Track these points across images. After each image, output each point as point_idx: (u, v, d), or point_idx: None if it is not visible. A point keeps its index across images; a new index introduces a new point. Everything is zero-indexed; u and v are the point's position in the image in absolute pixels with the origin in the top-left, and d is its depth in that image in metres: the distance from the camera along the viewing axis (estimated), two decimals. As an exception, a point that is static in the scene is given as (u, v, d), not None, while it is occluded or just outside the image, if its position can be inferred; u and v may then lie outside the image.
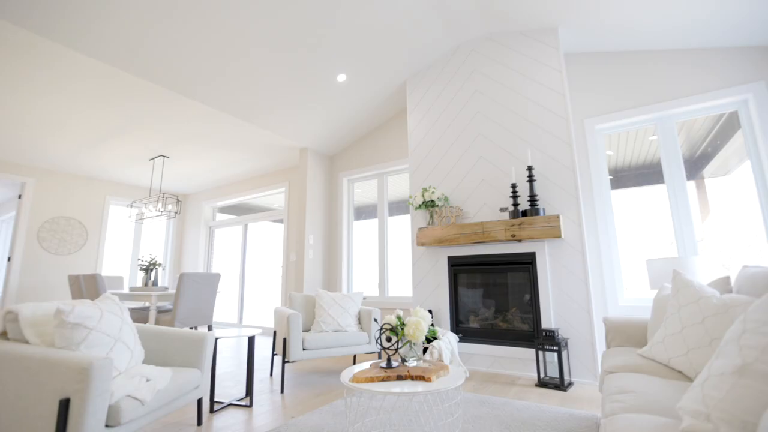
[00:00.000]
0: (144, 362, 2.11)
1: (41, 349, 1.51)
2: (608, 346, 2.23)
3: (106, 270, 6.57)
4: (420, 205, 3.75)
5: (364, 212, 5.26)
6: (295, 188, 5.91)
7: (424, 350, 3.19)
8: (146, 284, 4.71)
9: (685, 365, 1.54)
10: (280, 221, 6.15)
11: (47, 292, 5.78)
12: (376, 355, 3.83)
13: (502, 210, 3.40)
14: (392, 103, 4.69)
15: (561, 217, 3.09)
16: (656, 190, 3.38)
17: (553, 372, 3.03)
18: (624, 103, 3.48)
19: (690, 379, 1.53)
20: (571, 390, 2.79)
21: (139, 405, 1.58)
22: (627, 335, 2.09)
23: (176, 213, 5.32)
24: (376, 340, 1.73)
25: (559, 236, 3.03)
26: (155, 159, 5.53)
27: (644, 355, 1.76)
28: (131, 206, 5.69)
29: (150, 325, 2.20)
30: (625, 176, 3.54)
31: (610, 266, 3.40)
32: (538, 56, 3.52)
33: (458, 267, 3.68)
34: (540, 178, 3.35)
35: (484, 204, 3.60)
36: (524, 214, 3.25)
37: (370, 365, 1.81)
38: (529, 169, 3.26)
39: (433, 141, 4.04)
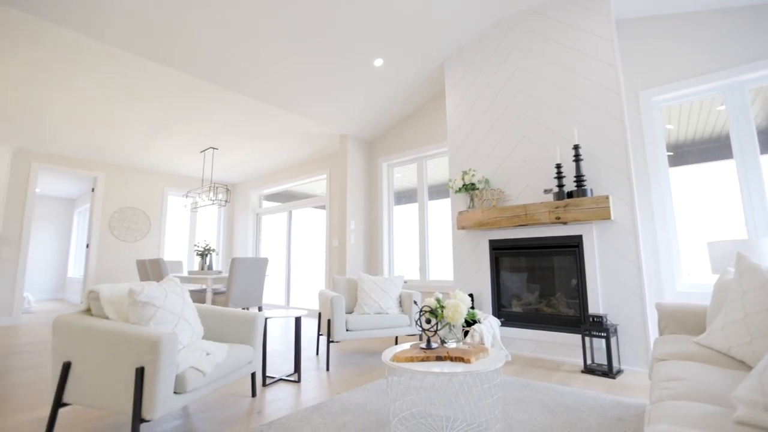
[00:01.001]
0: (203, 338, 2.31)
1: (119, 324, 1.71)
2: (661, 333, 2.12)
3: (167, 255, 7.16)
4: (460, 189, 3.70)
5: (404, 197, 5.28)
6: (336, 175, 6.04)
7: (465, 333, 3.20)
8: (202, 268, 5.09)
9: (747, 355, 1.44)
10: (323, 207, 6.33)
11: (119, 275, 6.42)
12: (417, 337, 3.89)
13: (546, 192, 3.28)
14: (430, 86, 4.61)
15: (610, 198, 2.92)
16: (723, 167, 3.08)
17: (601, 359, 2.93)
18: (685, 71, 3.18)
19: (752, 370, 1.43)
20: (620, 378, 2.69)
21: (201, 376, 1.75)
22: (681, 322, 1.97)
23: (226, 201, 5.65)
24: (416, 322, 1.77)
25: (609, 218, 2.87)
26: (205, 151, 5.87)
27: (700, 342, 1.66)
28: (186, 196, 6.11)
29: (207, 305, 2.40)
30: (686, 152, 3.26)
31: (667, 250, 3.18)
32: (586, 26, 3.29)
33: (500, 250, 3.62)
34: (587, 157, 3.18)
35: (527, 186, 3.48)
36: (570, 195, 3.11)
37: (411, 346, 1.86)
38: (576, 147, 3.10)
39: (472, 123, 3.94)
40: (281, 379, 2.69)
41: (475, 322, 3.23)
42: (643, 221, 3.28)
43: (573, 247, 3.20)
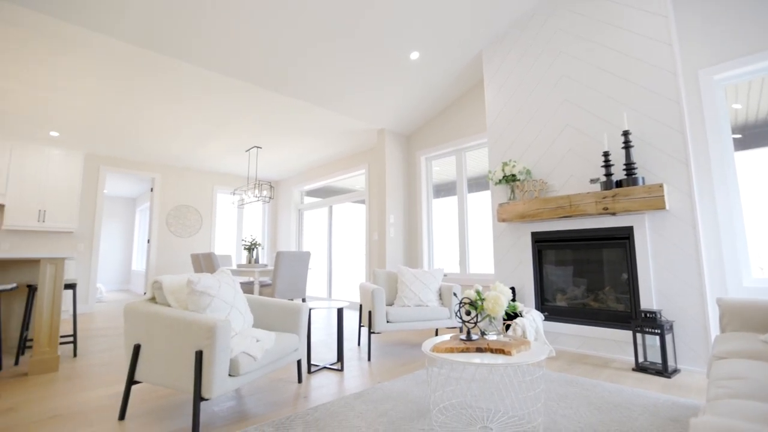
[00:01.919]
0: (253, 326, 2.46)
1: (179, 311, 1.87)
2: (722, 330, 1.97)
3: (217, 249, 7.61)
4: (500, 180, 3.62)
5: (443, 190, 5.24)
6: (375, 169, 6.11)
7: (507, 327, 3.16)
8: (249, 262, 5.37)
9: (823, 354, 1.31)
10: (362, 202, 6.43)
11: (176, 268, 6.92)
12: (458, 330, 3.88)
13: (593, 181, 3.13)
14: (467, 77, 4.53)
15: (665, 186, 2.74)
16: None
17: (654, 357, 2.78)
18: (753, 45, 2.89)
19: (830, 370, 1.31)
20: (676, 377, 2.54)
21: (252, 360, 1.88)
22: (746, 319, 1.82)
23: (270, 198, 5.90)
24: (456, 314, 1.78)
25: (663, 208, 2.70)
26: (250, 150, 6.16)
27: (768, 340, 1.54)
28: (233, 193, 6.45)
29: (255, 296, 2.55)
30: (756, 134, 2.97)
31: (731, 242, 2.93)
32: (636, 1, 3.08)
33: (543, 243, 3.51)
34: (639, 144, 2.99)
35: (571, 176, 3.34)
36: (619, 184, 2.95)
37: (450, 337, 1.87)
38: (625, 134, 2.92)
39: (512, 112, 3.83)
40: (325, 368, 2.80)
41: (516, 315, 3.17)
42: (703, 211, 3.04)
43: (622, 239, 3.04)
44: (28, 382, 2.49)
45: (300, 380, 2.48)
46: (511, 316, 3.27)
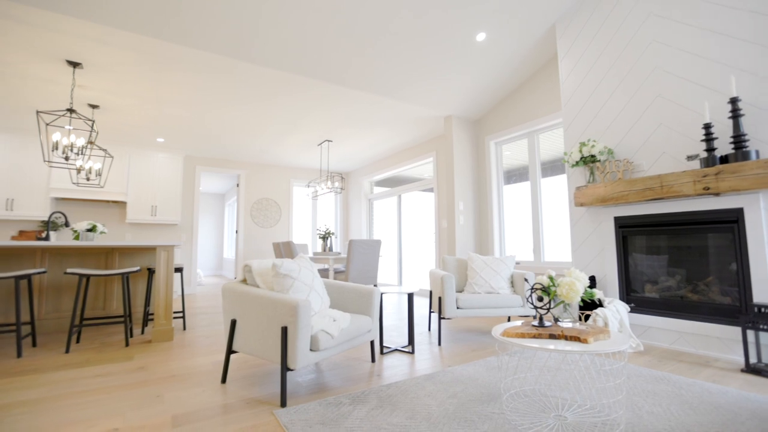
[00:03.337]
0: (330, 308, 2.65)
1: (267, 292, 2.09)
2: None
3: (295, 238, 8.19)
4: (577, 162, 3.38)
5: (514, 175, 5.03)
6: (443, 157, 6.06)
7: (587, 317, 2.97)
8: (324, 250, 5.71)
9: None
10: (430, 190, 6.43)
11: (260, 256, 7.62)
12: (531, 318, 3.75)
13: (690, 158, 2.78)
14: (538, 54, 4.25)
15: (786, 160, 2.34)
16: None
17: (770, 356, 2.42)
18: None
19: None
20: (799, 380, 2.19)
21: (330, 338, 2.04)
22: None
23: (341, 189, 6.19)
24: (527, 300, 1.74)
25: (783, 185, 2.31)
26: (322, 144, 6.49)
27: None
28: (308, 186, 6.88)
29: (331, 280, 2.73)
30: None
31: None
32: (748, -54, 2.62)
33: (628, 228, 3.22)
34: (751, 112, 2.58)
35: (663, 153, 3.00)
36: (724, 160, 2.58)
37: (522, 323, 1.84)
38: (733, 101, 2.54)
39: (591, 87, 3.53)
40: (396, 350, 2.92)
41: (594, 303, 2.98)
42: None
43: (729, 222, 2.67)
44: (152, 348, 2.98)
45: (373, 360, 2.62)
46: (589, 304, 3.07)
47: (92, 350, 2.94)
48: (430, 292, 3.46)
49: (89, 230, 3.65)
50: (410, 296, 2.95)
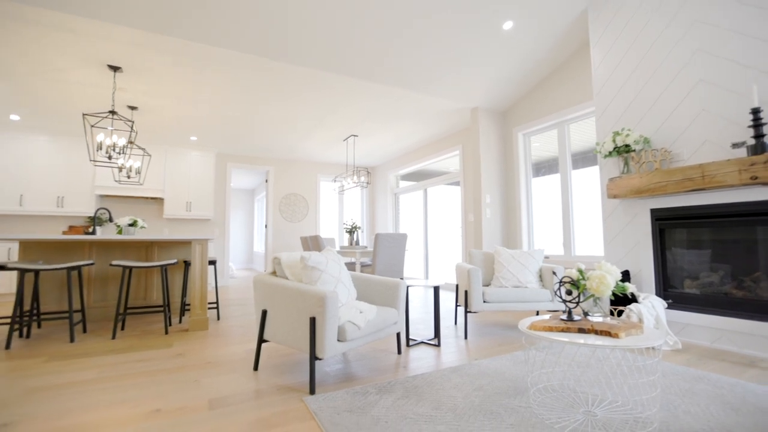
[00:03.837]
0: (357, 300, 2.70)
1: (295, 283, 2.16)
2: None
3: (322, 233, 8.34)
4: (610, 152, 3.25)
5: (543, 167, 4.90)
6: (469, 149, 5.98)
7: (620, 313, 2.88)
8: (351, 244, 5.78)
9: None
10: (456, 184, 6.37)
11: (289, 249, 7.81)
12: (559, 312, 3.66)
13: (735, 146, 2.62)
14: (568, 41, 4.09)
15: None
16: None
17: (824, 357, 2.26)
18: None
19: None
20: None
21: (357, 329, 2.08)
22: None
23: (367, 183, 6.23)
24: (555, 292, 1.71)
25: (841, 174, 2.14)
26: (347, 139, 6.55)
27: None
28: (334, 181, 6.98)
29: (357, 273, 2.78)
30: None
31: None
32: None
33: (665, 221, 3.07)
34: (805, 95, 2.39)
35: (705, 141, 2.83)
36: (773, 148, 2.41)
37: (550, 316, 1.81)
38: (784, 84, 2.36)
39: (625, 74, 3.37)
40: (423, 342, 2.93)
41: (627, 297, 2.88)
42: None
43: (778, 214, 2.50)
44: (189, 336, 3.14)
45: (399, 351, 2.65)
46: (621, 299, 2.96)
47: (135, 337, 3.14)
48: (456, 286, 3.44)
49: (131, 225, 3.88)
50: (436, 289, 2.95)
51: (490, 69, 4.37)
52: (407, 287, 2.71)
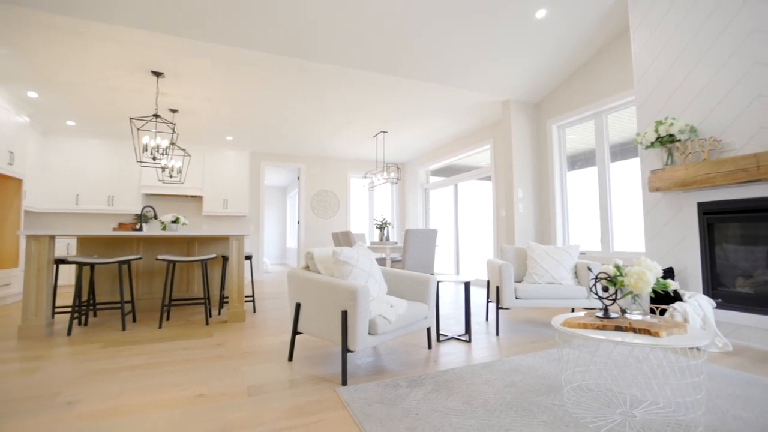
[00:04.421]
0: (387, 294, 2.73)
1: (328, 278, 2.22)
2: None
3: (352, 229, 8.44)
4: (653, 143, 3.09)
5: (579, 160, 4.72)
6: (500, 143, 5.85)
7: (663, 312, 2.74)
8: (381, 239, 5.83)
9: None
10: (487, 178, 6.26)
11: (320, 245, 7.97)
12: (595, 310, 3.53)
13: (795, 133, 2.41)
14: (604, 28, 3.90)
15: None
16: None
17: None
18: None
19: None
20: None
21: (387, 323, 2.11)
22: None
23: (397, 179, 6.24)
24: (590, 289, 1.66)
25: None
26: (377, 135, 6.58)
27: None
28: (364, 177, 7.04)
29: (388, 268, 2.81)
30: None
31: None
32: None
33: (715, 215, 2.89)
34: None
35: (761, 129, 2.63)
36: (840, 134, 2.21)
37: (585, 313, 1.76)
38: None
39: (669, 60, 3.18)
40: (453, 338, 2.93)
41: (669, 295, 2.74)
42: None
43: None
44: (228, 327, 3.30)
45: (430, 346, 2.66)
46: (663, 297, 2.82)
47: (179, 327, 3.33)
48: (488, 282, 3.40)
49: (174, 222, 4.11)
50: (467, 285, 2.94)
51: (523, 60, 4.25)
52: (437, 282, 2.71)
